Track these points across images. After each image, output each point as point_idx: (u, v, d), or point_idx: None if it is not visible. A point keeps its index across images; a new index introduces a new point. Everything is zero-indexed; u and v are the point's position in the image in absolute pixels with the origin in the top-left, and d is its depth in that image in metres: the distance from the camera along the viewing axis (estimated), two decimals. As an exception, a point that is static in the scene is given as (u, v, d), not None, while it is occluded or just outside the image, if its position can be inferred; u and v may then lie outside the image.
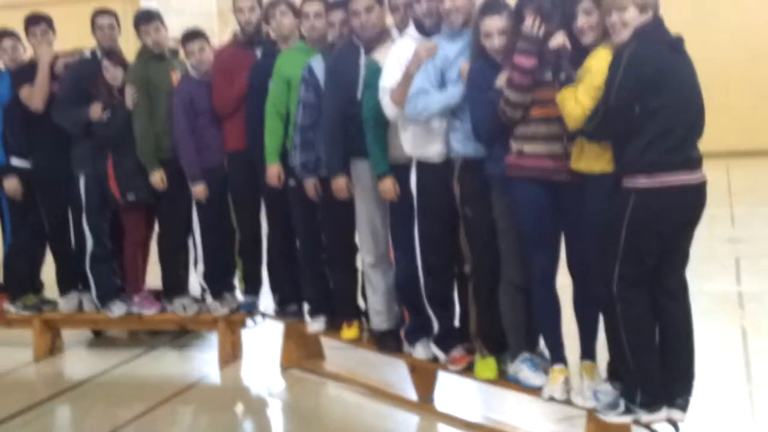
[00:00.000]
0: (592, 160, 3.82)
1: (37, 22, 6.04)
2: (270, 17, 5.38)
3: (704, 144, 3.75)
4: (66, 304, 6.17)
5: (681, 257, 3.83)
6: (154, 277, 6.23)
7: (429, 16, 4.41)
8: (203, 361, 6.02)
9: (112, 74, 5.79)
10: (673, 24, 3.73)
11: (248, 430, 5.14)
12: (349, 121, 4.78)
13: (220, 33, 14.38)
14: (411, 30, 4.51)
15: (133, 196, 5.82)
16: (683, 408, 3.80)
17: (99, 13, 6.00)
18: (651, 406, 3.77)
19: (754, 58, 15.42)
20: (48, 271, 6.40)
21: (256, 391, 5.62)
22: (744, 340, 5.68)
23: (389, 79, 4.46)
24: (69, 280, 6.20)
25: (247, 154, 5.51)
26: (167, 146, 5.75)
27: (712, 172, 3.73)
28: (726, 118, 13.89)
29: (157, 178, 5.75)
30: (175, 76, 5.81)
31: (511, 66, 3.93)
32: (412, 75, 4.31)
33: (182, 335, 6.40)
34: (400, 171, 4.60)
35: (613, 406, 3.85)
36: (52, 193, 6.05)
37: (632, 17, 3.64)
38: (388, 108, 4.48)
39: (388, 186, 4.64)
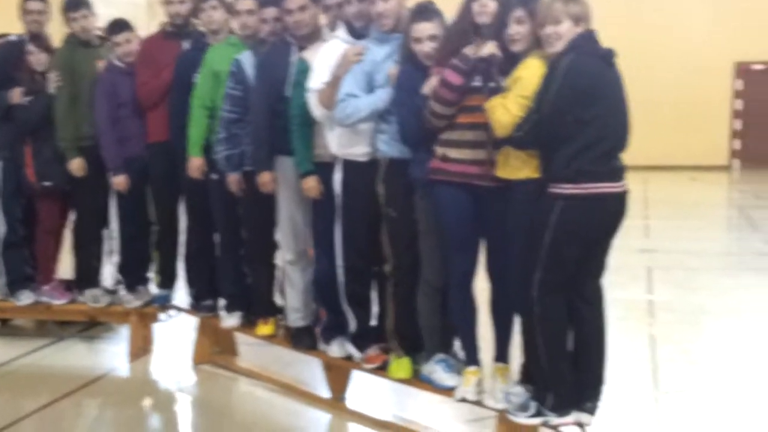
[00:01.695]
0: (517, 167, 3.86)
1: None
2: (200, 11, 5.32)
3: (625, 156, 3.82)
4: None
5: (599, 265, 3.90)
6: (66, 266, 6.09)
7: (359, 18, 4.42)
8: (113, 354, 5.92)
9: (37, 59, 5.69)
10: (608, 38, 3.79)
11: (155, 424, 5.06)
12: (276, 117, 4.75)
13: (148, 24, 14.16)
14: (340, 32, 4.51)
15: (50, 182, 5.70)
16: (591, 412, 3.87)
17: None
18: (561, 409, 3.83)
19: (681, 77, 15.88)
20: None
21: (166, 385, 5.55)
22: (652, 348, 5.82)
23: (317, 80, 4.45)
24: None
25: (169, 145, 5.44)
26: (88, 134, 5.65)
27: (630, 184, 3.81)
28: (648, 133, 14.23)
29: (76, 165, 5.64)
30: (101, 64, 5.71)
31: (439, 80, 3.94)
32: (339, 78, 4.31)
33: (92, 327, 6.29)
34: (324, 169, 4.59)
35: (523, 408, 3.90)
36: None
37: (566, 29, 3.69)
38: (316, 109, 4.47)
39: (312, 184, 4.63)
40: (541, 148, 3.77)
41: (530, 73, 3.74)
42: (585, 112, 3.64)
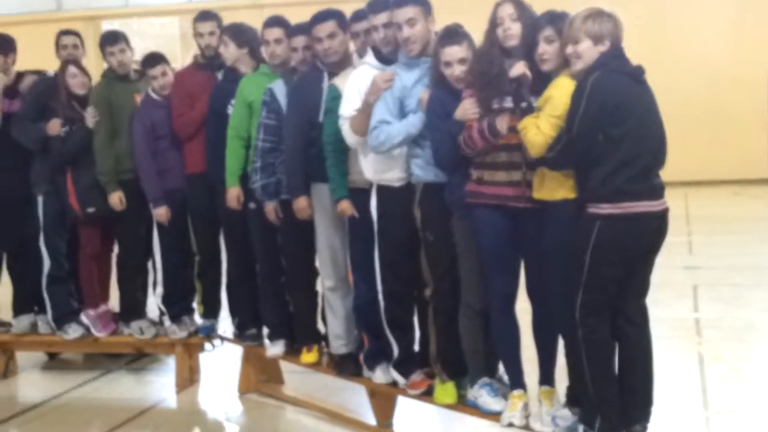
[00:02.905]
0: (554, 188, 3.84)
1: None
2: (220, 44, 5.37)
3: (663, 173, 3.79)
4: (18, 324, 6.07)
5: (642, 284, 3.86)
6: (113, 300, 6.15)
7: (386, 44, 4.44)
8: (160, 385, 5.96)
9: (80, 81, 5.77)
10: (635, 54, 3.77)
11: (205, 454, 5.08)
12: (310, 144, 4.78)
13: (183, 56, 14.37)
14: (369, 57, 4.53)
15: (93, 208, 5.77)
16: (641, 434, 3.81)
17: (63, 33, 6.03)
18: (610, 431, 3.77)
19: (713, 90, 15.70)
20: (3, 293, 6.28)
21: (213, 415, 5.57)
22: (701, 367, 5.73)
23: (348, 107, 4.47)
24: (24, 302, 6.11)
25: (207, 176, 5.48)
26: (128, 167, 5.72)
27: (670, 201, 3.78)
28: (685, 148, 14.07)
29: (116, 199, 5.70)
30: (139, 98, 5.79)
31: (466, 134, 3.96)
32: (371, 104, 4.33)
33: (139, 358, 6.33)
34: (360, 195, 4.60)
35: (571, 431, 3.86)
36: (6, 212, 5.95)
37: (585, 48, 3.68)
38: (349, 136, 4.49)
39: (346, 205, 4.64)
40: (575, 167, 3.76)
41: (560, 93, 3.73)
42: (614, 131, 3.62)
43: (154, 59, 5.67)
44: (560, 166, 3.78)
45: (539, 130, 3.72)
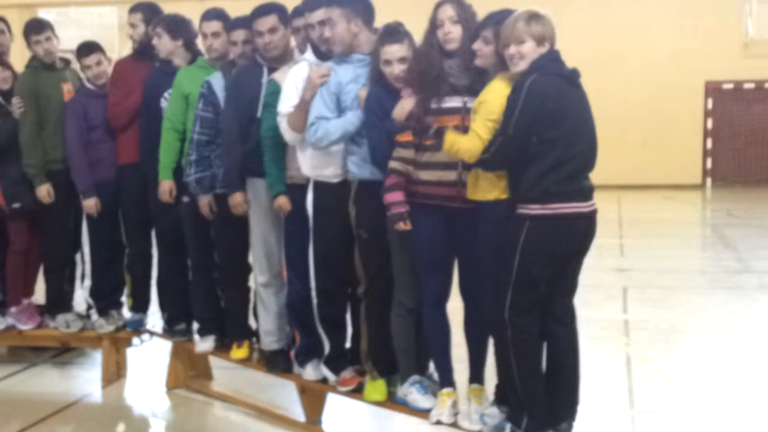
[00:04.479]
0: (487, 189, 3.87)
1: None
2: (153, 36, 5.30)
3: (597, 176, 3.84)
4: None
5: (571, 284, 3.90)
6: (39, 292, 6.04)
7: (322, 42, 4.43)
8: (86, 380, 5.86)
9: (2, 76, 5.64)
10: (574, 57, 3.81)
11: (130, 451, 5.00)
12: (247, 139, 4.74)
13: (121, 46, 14.14)
14: (308, 54, 4.52)
15: (19, 204, 5.65)
16: (567, 432, 3.85)
17: None
18: (536, 430, 3.81)
19: (650, 95, 16.00)
20: None
21: (140, 410, 5.49)
22: (628, 367, 5.83)
23: (286, 103, 4.45)
24: None
25: (140, 167, 5.41)
26: (57, 158, 5.62)
27: (603, 204, 3.83)
28: (620, 152, 14.36)
29: (44, 191, 5.60)
30: (66, 87, 5.69)
31: (387, 183, 4.01)
32: (307, 101, 4.31)
33: (65, 352, 6.22)
34: (296, 191, 4.58)
35: (498, 430, 3.90)
36: None
37: (529, 49, 3.71)
38: (287, 133, 4.47)
39: (283, 201, 4.62)
40: (508, 169, 3.79)
41: (494, 96, 3.76)
42: (548, 133, 3.66)
43: (89, 48, 5.58)
44: (495, 167, 3.80)
45: (475, 134, 3.73)
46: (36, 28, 5.67)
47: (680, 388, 5.42)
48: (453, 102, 3.99)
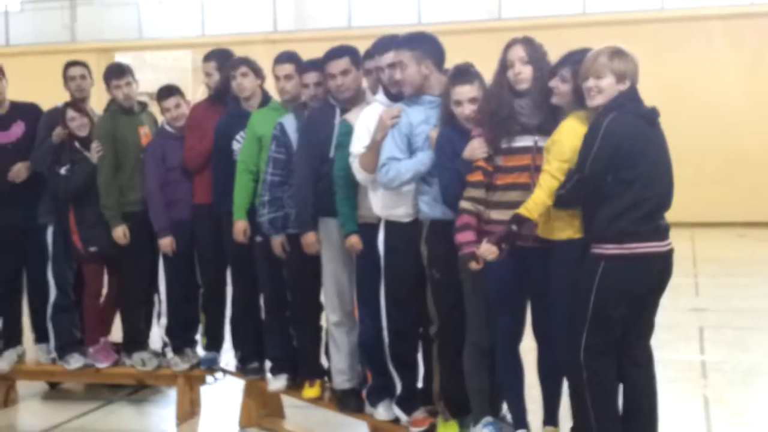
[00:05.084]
0: (560, 228, 3.85)
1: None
2: (231, 78, 5.41)
3: (670, 214, 3.79)
4: (3, 362, 6.04)
5: (647, 325, 3.85)
6: (116, 330, 6.14)
7: (393, 84, 4.47)
8: (161, 417, 5.92)
9: (79, 124, 5.78)
10: (647, 95, 3.78)
11: (204, 489, 5.03)
12: (320, 179, 4.80)
13: (195, 89, 14.48)
14: (380, 95, 4.56)
15: (96, 247, 5.78)
16: (645, 477, 3.77)
17: (70, 64, 6.04)
18: (613, 474, 3.74)
19: (721, 132, 15.75)
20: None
21: (214, 449, 5.52)
22: (706, 410, 5.68)
23: (358, 144, 4.50)
24: (12, 336, 6.11)
25: (214, 208, 5.50)
26: (134, 199, 5.74)
27: (677, 242, 3.77)
28: (692, 189, 14.12)
29: (120, 233, 5.71)
30: (143, 131, 5.82)
31: (459, 223, 4.01)
32: (378, 142, 4.35)
33: (140, 390, 6.30)
34: (368, 230, 4.60)
35: (574, 473, 3.82)
36: (3, 244, 5.96)
37: (608, 85, 3.69)
38: (358, 173, 4.51)
39: (354, 241, 4.64)
40: (582, 207, 3.76)
41: (566, 137, 3.75)
42: (626, 173, 3.63)
43: (169, 91, 5.71)
44: (568, 205, 3.78)
45: (547, 173, 3.72)
46: (117, 73, 5.82)
47: (761, 432, 5.28)
48: (524, 141, 4.00)
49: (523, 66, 3.97)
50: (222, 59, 5.64)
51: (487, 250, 3.84)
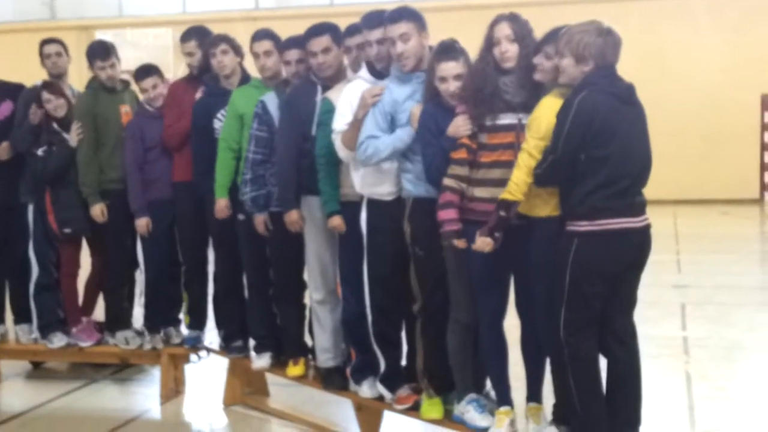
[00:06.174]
0: (539, 205, 3.85)
1: None
2: (211, 56, 5.37)
3: (652, 191, 3.80)
4: None
5: (628, 301, 3.85)
6: (99, 309, 6.13)
7: (379, 59, 4.44)
8: (145, 396, 5.92)
9: (55, 104, 5.74)
10: (627, 71, 3.77)
11: (188, 467, 5.04)
12: (302, 157, 4.78)
13: (175, 67, 14.37)
14: (363, 72, 4.53)
15: (70, 229, 5.77)
16: (627, 453, 3.80)
17: (46, 42, 6.00)
18: (596, 450, 3.76)
19: (706, 109, 15.76)
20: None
21: (198, 427, 5.54)
22: (688, 386, 5.73)
23: (340, 121, 4.48)
24: None
25: (194, 185, 5.48)
26: (114, 177, 5.72)
27: (659, 219, 3.78)
28: (675, 166, 14.15)
29: (97, 211, 5.70)
30: (124, 109, 5.79)
31: (441, 201, 4.00)
32: (360, 119, 4.33)
33: (124, 369, 6.29)
34: (351, 208, 4.59)
35: (557, 450, 3.84)
36: None
37: (567, 65, 3.69)
38: (341, 150, 4.50)
39: (337, 222, 4.64)
40: (559, 185, 3.76)
41: (543, 114, 3.75)
42: (597, 151, 3.63)
43: (146, 71, 5.67)
44: (545, 183, 3.78)
45: (526, 152, 3.72)
46: (101, 54, 5.74)
47: (743, 407, 5.31)
48: (508, 119, 3.98)
49: (510, 44, 3.95)
50: (201, 37, 5.60)
51: (483, 243, 3.84)
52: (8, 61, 6.13)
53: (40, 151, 5.70)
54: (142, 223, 5.62)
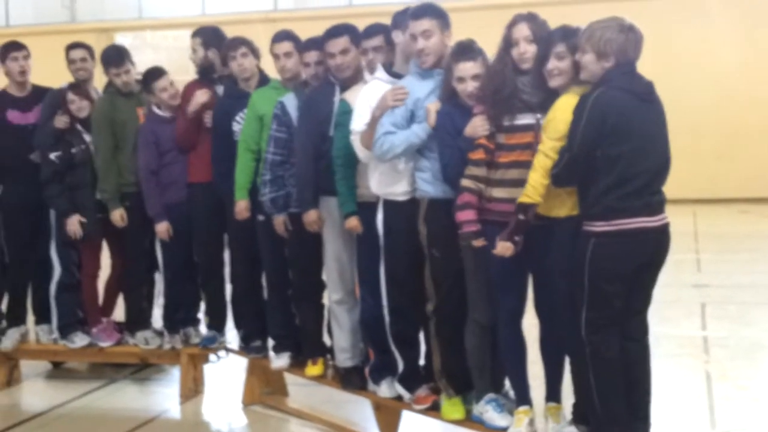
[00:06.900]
0: (557, 205, 3.85)
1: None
2: (230, 59, 5.37)
3: (671, 190, 3.77)
4: (7, 341, 6.06)
5: (643, 299, 3.84)
6: (119, 309, 6.17)
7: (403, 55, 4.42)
8: (164, 396, 5.95)
9: (78, 105, 5.78)
10: (643, 69, 3.76)
11: (208, 466, 5.06)
12: (320, 158, 4.79)
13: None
14: (380, 72, 4.53)
15: (81, 232, 5.78)
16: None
17: (72, 46, 6.03)
18: (616, 450, 3.75)
19: (723, 107, 15.65)
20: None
21: (217, 426, 5.56)
22: (708, 385, 5.70)
23: (359, 122, 4.48)
24: (16, 315, 6.13)
25: (210, 186, 5.51)
26: (133, 181, 5.74)
27: (678, 218, 3.76)
28: (694, 165, 14.07)
29: (117, 216, 5.73)
30: (142, 111, 5.81)
31: (459, 202, 4.00)
32: (377, 118, 4.33)
33: (144, 369, 6.32)
34: (368, 209, 4.59)
35: (576, 449, 3.83)
36: (17, 222, 5.96)
37: (588, 61, 3.68)
38: (359, 151, 4.50)
39: (354, 224, 4.64)
40: (576, 185, 3.75)
41: (559, 114, 3.73)
42: (612, 149, 3.61)
43: (155, 74, 5.63)
44: (563, 183, 3.77)
45: (545, 155, 3.71)
46: (115, 61, 5.76)
47: (764, 407, 5.29)
48: (526, 119, 3.97)
49: (528, 45, 3.94)
50: (208, 37, 5.64)
51: (504, 248, 3.84)
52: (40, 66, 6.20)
53: (53, 156, 5.75)
54: (162, 228, 5.62)
